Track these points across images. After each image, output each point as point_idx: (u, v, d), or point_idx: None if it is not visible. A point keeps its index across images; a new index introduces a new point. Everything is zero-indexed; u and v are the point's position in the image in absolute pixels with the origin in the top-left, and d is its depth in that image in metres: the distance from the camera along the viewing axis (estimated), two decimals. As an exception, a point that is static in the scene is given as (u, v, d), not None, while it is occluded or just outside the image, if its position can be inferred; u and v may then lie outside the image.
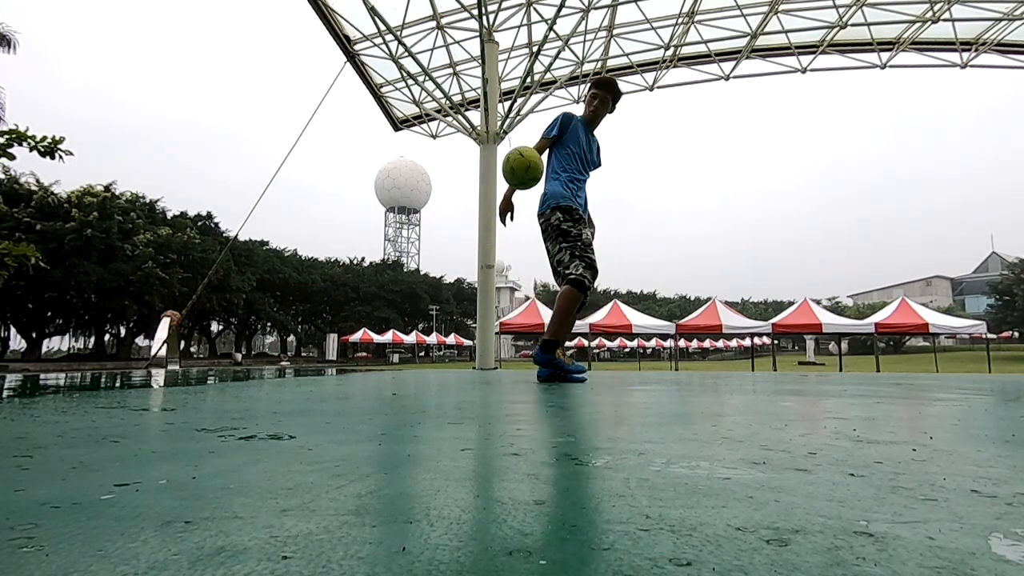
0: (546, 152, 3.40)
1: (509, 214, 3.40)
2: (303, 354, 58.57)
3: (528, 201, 3.66)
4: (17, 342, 34.61)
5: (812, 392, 2.78)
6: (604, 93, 3.41)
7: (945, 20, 10.27)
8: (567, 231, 3.26)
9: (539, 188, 3.41)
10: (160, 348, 9.05)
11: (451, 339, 51.52)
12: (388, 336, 44.88)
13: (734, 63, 11.63)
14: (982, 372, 15.06)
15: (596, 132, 3.54)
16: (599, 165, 3.56)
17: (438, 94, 10.12)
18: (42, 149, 3.88)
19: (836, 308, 53.78)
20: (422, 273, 62.51)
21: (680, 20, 10.66)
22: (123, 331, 35.90)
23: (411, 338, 47.02)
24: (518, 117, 9.71)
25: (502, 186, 3.44)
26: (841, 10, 10.26)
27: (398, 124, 12.29)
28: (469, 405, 2.07)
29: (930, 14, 10.23)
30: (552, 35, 9.02)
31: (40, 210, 26.25)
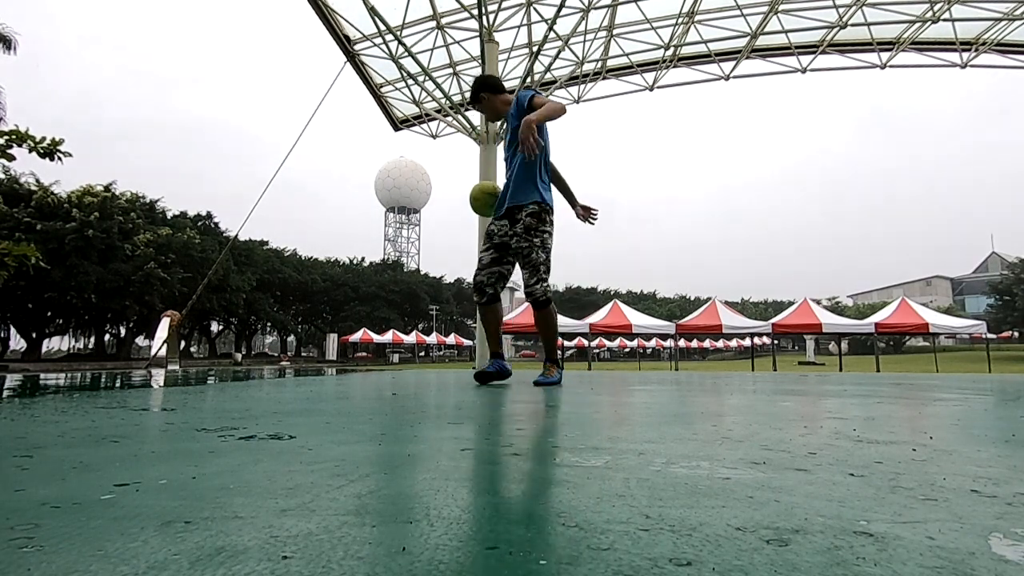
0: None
1: None
2: (303, 354, 58.56)
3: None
4: (17, 342, 34.61)
5: (812, 392, 2.78)
6: (473, 108, 3.47)
7: (945, 20, 10.28)
8: None
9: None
10: (160, 348, 9.06)
11: (451, 339, 51.53)
12: (388, 336, 44.89)
13: (734, 63, 11.63)
14: (982, 372, 15.06)
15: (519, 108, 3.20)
16: (518, 136, 3.04)
17: (438, 94, 10.12)
18: (41, 150, 3.89)
19: (836, 308, 53.72)
20: (422, 273, 62.51)
21: (680, 20, 10.66)
22: (123, 331, 35.89)
23: (411, 338, 47.03)
24: (518, 117, 9.69)
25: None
26: (841, 10, 10.27)
27: (398, 124, 12.29)
28: (469, 405, 2.07)
29: (930, 14, 10.24)
30: (552, 35, 9.03)
31: (40, 210, 26.24)
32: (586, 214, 3.55)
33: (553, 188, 3.34)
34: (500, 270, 3.23)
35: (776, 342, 26.54)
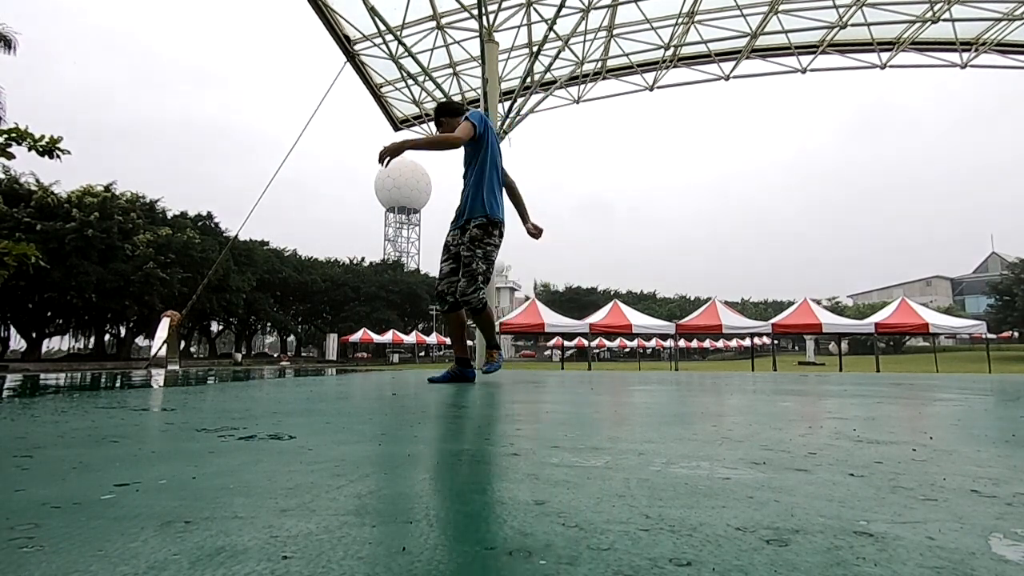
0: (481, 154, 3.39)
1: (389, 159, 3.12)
2: (303, 354, 58.53)
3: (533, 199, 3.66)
4: (17, 342, 34.55)
5: (812, 392, 2.78)
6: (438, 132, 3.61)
7: (945, 20, 10.28)
8: None
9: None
10: (160, 348, 9.05)
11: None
12: (388, 336, 44.85)
13: (734, 63, 11.63)
14: (982, 372, 15.05)
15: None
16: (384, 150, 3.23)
17: (438, 94, 10.12)
18: (41, 148, 3.89)
19: (836, 308, 53.68)
20: (422, 273, 62.45)
21: (680, 20, 10.66)
22: (123, 331, 35.86)
23: (411, 338, 46.98)
24: (518, 117, 9.71)
25: None
26: (841, 10, 10.26)
27: (398, 124, 12.28)
28: (469, 405, 2.07)
29: (930, 14, 10.24)
30: (552, 35, 9.02)
31: (40, 210, 26.22)
32: (536, 232, 3.77)
33: (507, 201, 3.49)
34: (457, 279, 3.45)
35: (776, 342, 26.54)
